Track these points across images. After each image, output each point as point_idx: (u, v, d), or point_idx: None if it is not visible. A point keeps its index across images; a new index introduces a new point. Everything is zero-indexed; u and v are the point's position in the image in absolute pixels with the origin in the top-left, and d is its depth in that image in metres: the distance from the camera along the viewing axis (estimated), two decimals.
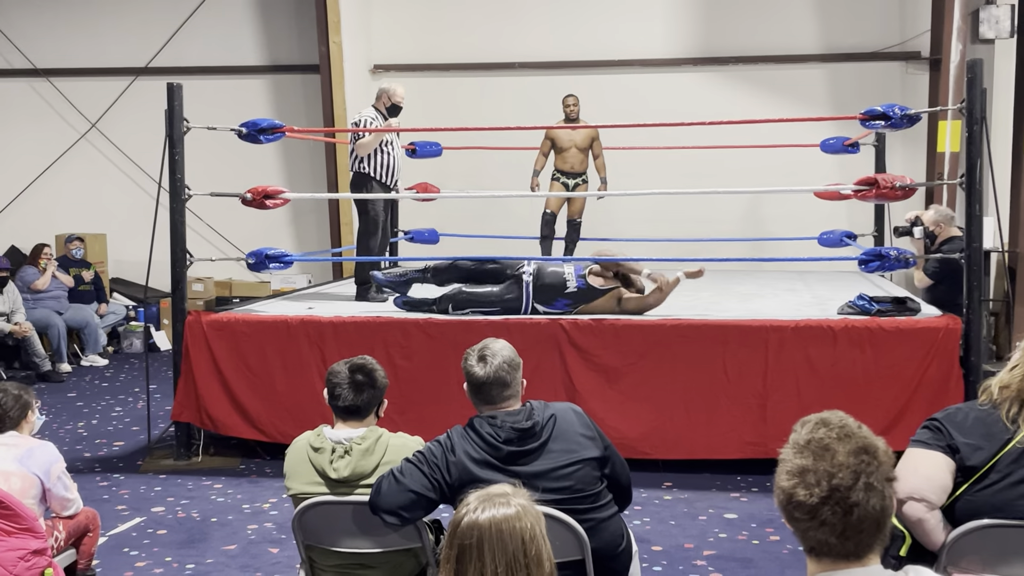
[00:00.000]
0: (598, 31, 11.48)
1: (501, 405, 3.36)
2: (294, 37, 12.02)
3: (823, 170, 9.97)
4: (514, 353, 3.43)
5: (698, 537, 5.31)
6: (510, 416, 3.30)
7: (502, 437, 3.26)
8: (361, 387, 3.49)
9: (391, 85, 7.96)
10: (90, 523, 4.34)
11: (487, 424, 3.29)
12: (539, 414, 3.33)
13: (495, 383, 3.33)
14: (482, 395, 3.36)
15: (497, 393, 3.34)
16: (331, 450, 3.42)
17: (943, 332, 6.02)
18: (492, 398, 3.35)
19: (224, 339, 6.72)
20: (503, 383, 3.34)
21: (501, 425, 3.28)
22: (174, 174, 6.75)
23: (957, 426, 3.02)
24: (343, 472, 3.39)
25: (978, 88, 5.95)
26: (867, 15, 11.09)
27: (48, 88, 12.38)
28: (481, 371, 3.33)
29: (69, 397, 8.99)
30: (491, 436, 3.26)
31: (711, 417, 6.25)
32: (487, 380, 3.33)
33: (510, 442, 3.26)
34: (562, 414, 3.38)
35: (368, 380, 3.51)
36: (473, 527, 2.02)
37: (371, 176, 7.71)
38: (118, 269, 12.15)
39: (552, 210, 9.66)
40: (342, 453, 3.41)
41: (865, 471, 1.92)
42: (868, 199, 6.46)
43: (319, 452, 3.43)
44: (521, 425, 3.28)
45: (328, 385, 3.53)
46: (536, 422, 3.30)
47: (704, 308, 7.00)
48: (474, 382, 3.35)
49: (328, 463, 3.40)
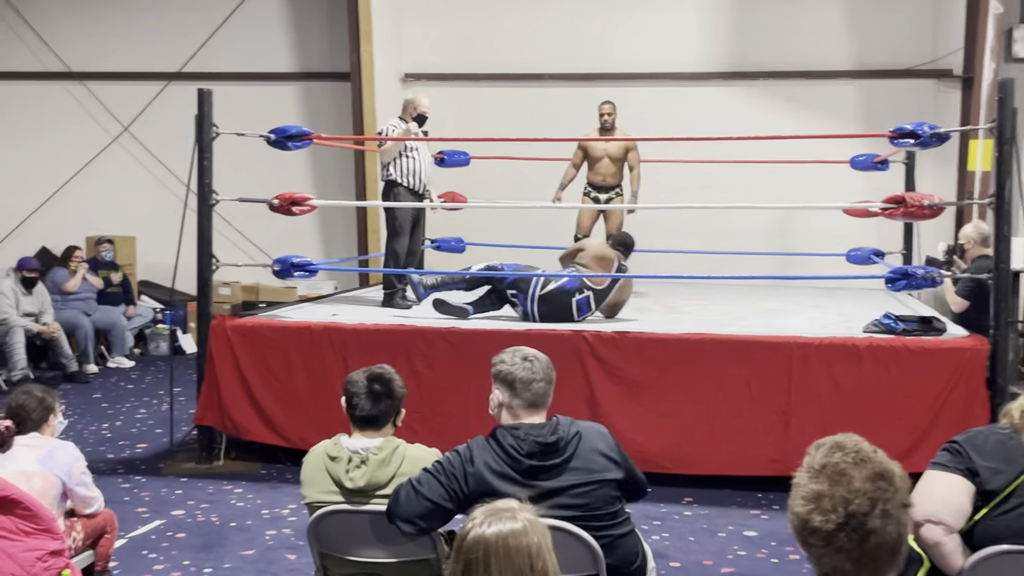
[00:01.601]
0: (629, 44, 11.47)
1: (542, 409, 3.33)
2: (326, 45, 12.10)
3: (852, 187, 9.89)
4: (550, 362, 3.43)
5: (717, 554, 5.28)
6: (534, 429, 3.28)
7: (524, 450, 3.24)
8: (379, 397, 3.49)
9: (416, 96, 8.16)
10: (108, 524, 4.37)
11: (510, 436, 3.27)
12: (564, 430, 3.30)
13: (544, 380, 3.33)
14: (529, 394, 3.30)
15: (544, 391, 3.33)
16: (348, 459, 3.43)
17: (969, 353, 5.96)
18: (538, 397, 3.31)
19: (248, 344, 6.76)
20: (550, 380, 3.35)
21: (524, 438, 3.25)
22: (202, 179, 6.80)
23: (977, 449, 2.99)
24: (359, 482, 3.39)
25: (1009, 108, 5.91)
26: (900, 32, 11.01)
27: (82, 91, 12.51)
28: (527, 371, 3.31)
29: (95, 398, 9.07)
30: (513, 448, 3.25)
31: (733, 433, 6.21)
32: (536, 377, 3.31)
33: (532, 456, 3.24)
34: (587, 433, 3.36)
35: (385, 390, 3.51)
36: (479, 541, 2.01)
37: (397, 182, 7.82)
38: (147, 272, 12.25)
39: (583, 233, 9.19)
40: (359, 463, 3.41)
41: (882, 498, 1.90)
42: (896, 217, 6.41)
43: (336, 461, 3.43)
44: (545, 439, 3.25)
45: (346, 394, 3.54)
46: (560, 437, 3.28)
47: (729, 323, 6.97)
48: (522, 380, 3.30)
49: (344, 472, 3.41)
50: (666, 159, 9.80)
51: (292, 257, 7.05)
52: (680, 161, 9.88)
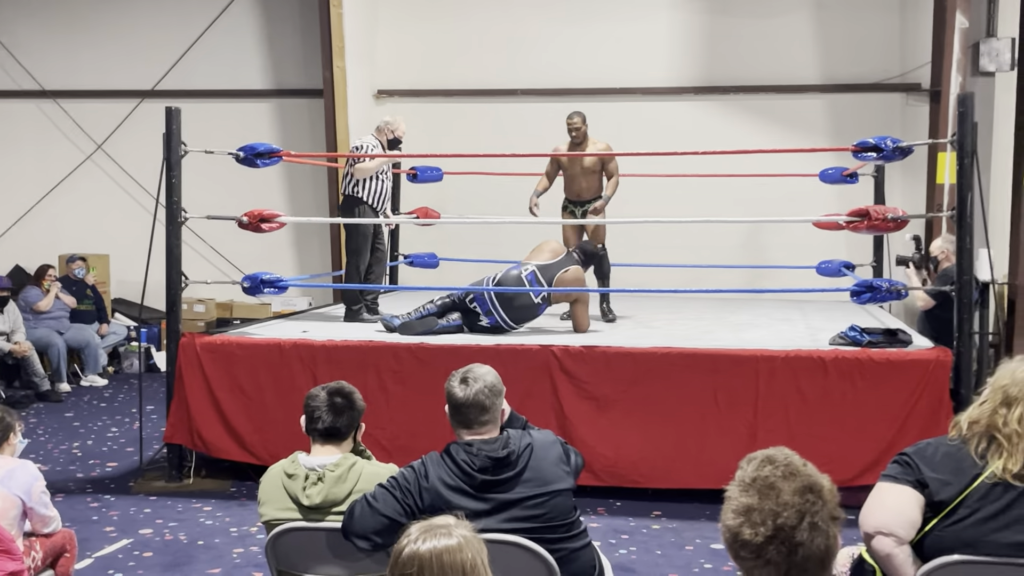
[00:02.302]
0: (601, 59, 11.53)
1: (478, 430, 3.37)
2: (299, 62, 12.12)
3: (823, 199, 9.97)
4: (497, 379, 3.45)
5: (684, 568, 5.29)
6: (486, 444, 3.31)
7: (477, 465, 3.27)
8: (341, 409, 3.51)
9: (394, 119, 8.17)
10: (67, 543, 4.35)
11: (463, 451, 3.30)
12: (515, 443, 3.34)
13: (473, 406, 3.35)
14: (460, 416, 3.37)
15: (475, 416, 3.36)
16: (305, 476, 3.44)
17: (933, 364, 6.01)
18: (469, 421, 3.36)
19: (217, 361, 6.75)
20: (481, 407, 3.35)
21: (477, 453, 3.28)
22: (171, 197, 6.80)
23: (927, 461, 3.02)
24: (316, 499, 3.40)
25: (969, 122, 5.98)
26: (868, 46, 11.12)
27: (55, 110, 12.49)
28: (461, 393, 3.36)
29: (66, 417, 9.02)
30: (466, 464, 3.27)
31: (701, 446, 6.23)
32: (466, 402, 3.35)
33: (484, 471, 3.27)
34: (539, 444, 3.39)
35: (347, 403, 3.54)
36: (414, 558, 2.03)
37: (363, 200, 7.87)
38: (120, 289, 12.20)
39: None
40: (315, 480, 3.43)
41: (810, 511, 1.93)
42: (860, 230, 6.47)
43: (292, 478, 3.44)
44: (496, 454, 3.29)
45: (307, 409, 3.55)
46: (512, 451, 3.31)
47: (698, 337, 7.01)
48: (453, 403, 3.38)
49: (301, 489, 3.42)
50: (637, 173, 9.84)
51: (262, 274, 7.06)
52: (651, 175, 9.93)
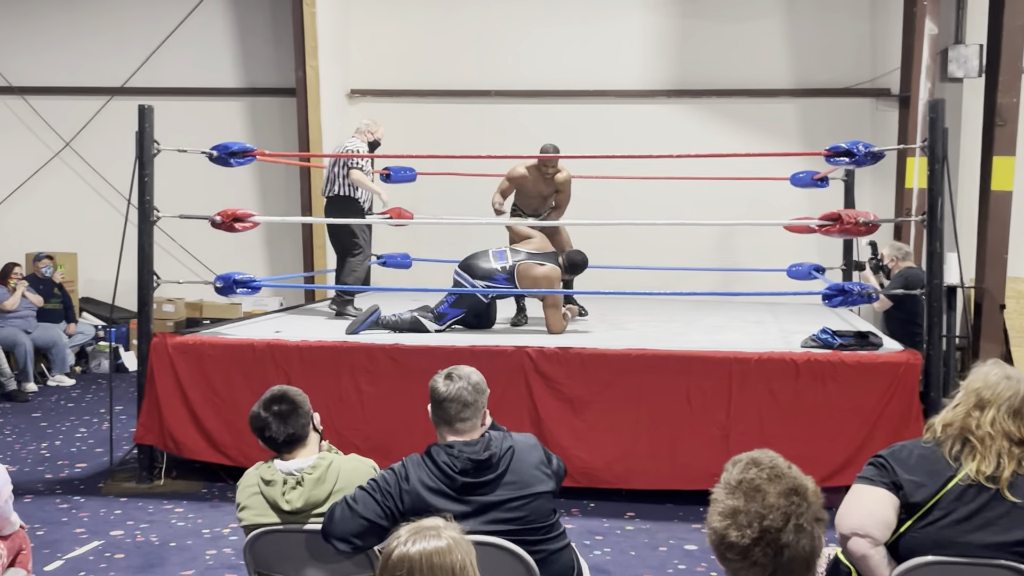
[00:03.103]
0: (574, 61, 11.57)
1: (460, 428, 3.36)
2: (271, 60, 12.06)
3: (794, 203, 10.06)
4: (482, 379, 3.46)
5: (657, 568, 5.32)
6: (468, 447, 3.31)
7: (458, 467, 3.27)
8: (286, 416, 3.46)
9: (373, 121, 8.41)
10: (22, 542, 4.34)
11: (444, 453, 3.31)
12: (496, 445, 3.34)
13: (455, 401, 3.35)
14: (442, 412, 3.37)
15: (456, 412, 3.35)
16: (283, 482, 3.40)
17: (903, 367, 6.08)
18: (451, 418, 3.36)
19: (189, 362, 6.70)
20: (464, 403, 3.35)
21: (458, 455, 3.29)
22: (143, 196, 6.75)
23: (901, 463, 3.06)
24: (296, 503, 3.37)
25: (940, 127, 6.05)
26: (839, 52, 11.23)
27: (22, 106, 12.35)
28: (444, 388, 3.36)
29: (34, 417, 8.92)
30: (447, 466, 3.28)
31: (674, 447, 6.27)
32: (448, 397, 3.35)
33: (465, 472, 3.27)
34: (520, 447, 3.40)
35: (290, 406, 3.48)
36: (404, 559, 2.04)
37: (356, 199, 8.08)
38: (88, 288, 12.09)
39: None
40: (294, 484, 3.40)
41: (795, 512, 1.95)
42: (832, 234, 6.53)
43: (271, 485, 3.40)
44: (478, 456, 3.29)
45: (256, 432, 3.48)
46: (493, 453, 3.31)
47: (671, 339, 7.04)
48: (436, 398, 3.37)
49: (280, 495, 3.38)
50: (609, 175, 9.89)
51: (235, 274, 7.02)
52: (623, 178, 9.97)
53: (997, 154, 9.16)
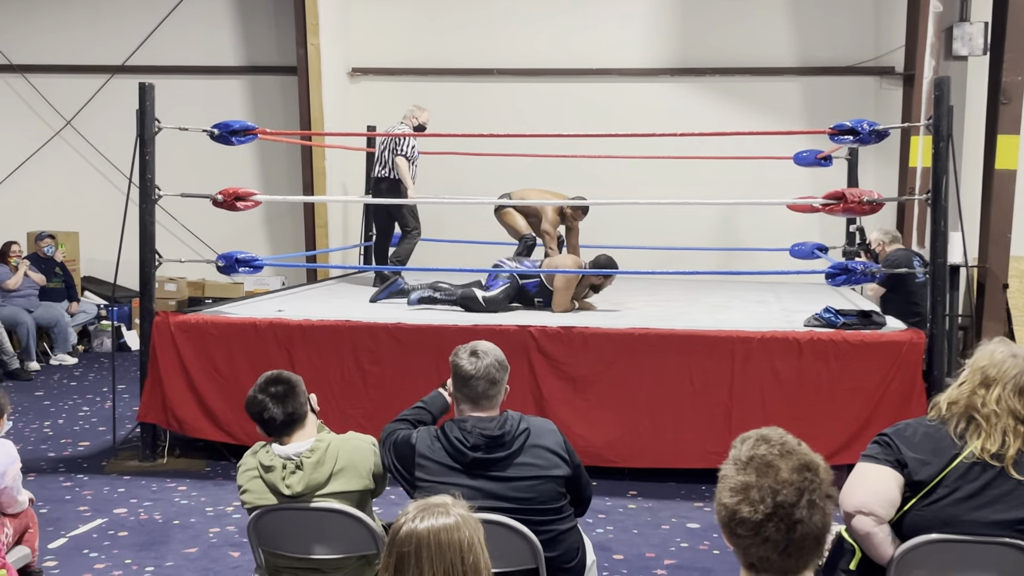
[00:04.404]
0: (577, 39, 11.50)
1: (484, 404, 3.35)
2: (272, 38, 11.99)
3: (797, 182, 10.03)
4: (503, 356, 3.45)
5: (660, 546, 5.33)
6: (482, 423, 3.30)
7: (470, 443, 3.26)
8: (284, 397, 3.42)
9: (417, 106, 9.05)
10: (29, 520, 4.37)
11: (457, 428, 3.30)
12: (512, 424, 3.33)
13: (483, 378, 3.34)
14: (468, 390, 3.35)
15: (484, 390, 3.35)
16: (282, 467, 3.38)
17: (906, 346, 6.07)
18: (477, 395, 3.35)
19: (192, 340, 6.70)
20: (491, 380, 3.35)
21: (471, 431, 3.28)
22: (144, 174, 6.73)
23: (906, 441, 3.06)
24: (297, 487, 3.35)
25: (945, 105, 6.02)
26: (842, 30, 11.16)
27: (23, 84, 12.29)
28: (471, 366, 3.35)
29: (36, 396, 8.93)
30: (459, 441, 3.27)
31: (677, 426, 6.28)
32: (476, 374, 3.34)
33: (477, 448, 3.26)
34: (536, 429, 3.38)
35: (287, 387, 3.45)
36: (411, 535, 2.04)
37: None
38: (90, 268, 12.08)
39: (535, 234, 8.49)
40: (293, 469, 3.37)
41: (808, 488, 1.95)
42: (836, 213, 6.51)
43: (270, 471, 3.38)
44: (491, 432, 3.27)
45: (254, 417, 3.44)
46: (507, 431, 3.30)
47: (673, 318, 7.04)
48: (463, 375, 3.35)
49: (280, 480, 3.36)
50: (612, 155, 9.86)
51: (237, 253, 7.01)
52: (626, 157, 9.92)
53: (1001, 133, 9.12)
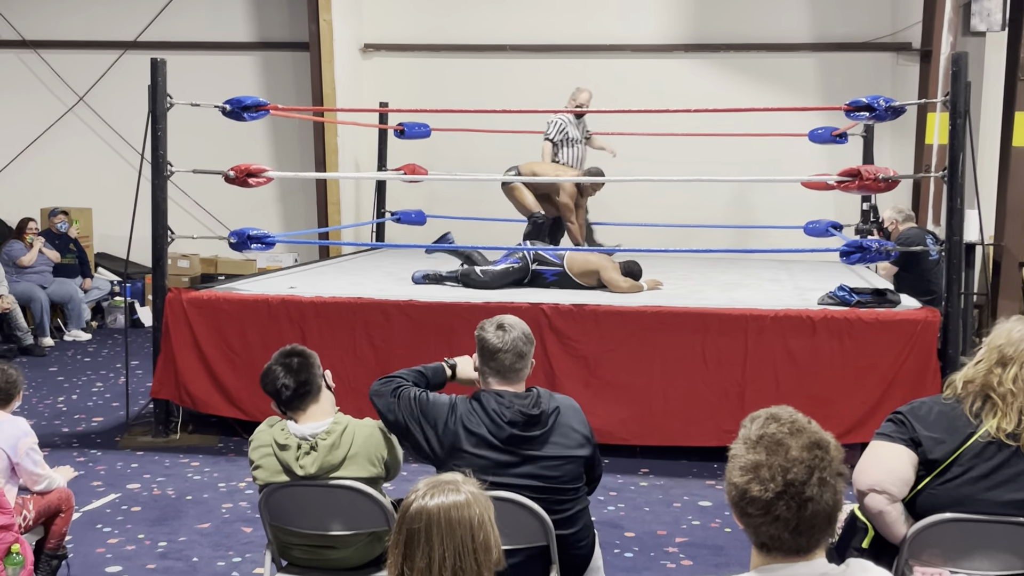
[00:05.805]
0: (592, 16, 11.42)
1: (512, 378, 3.32)
2: (284, 14, 11.95)
3: (812, 159, 9.96)
4: (529, 330, 3.42)
5: (671, 524, 5.33)
6: (518, 399, 3.28)
7: (507, 417, 3.24)
8: (299, 369, 3.42)
9: (577, 88, 8.97)
10: (63, 503, 4.30)
11: (494, 400, 3.27)
12: (545, 403, 3.31)
13: (511, 352, 3.30)
14: (496, 363, 3.31)
15: (512, 363, 3.31)
16: (296, 447, 3.37)
17: (921, 325, 6.03)
18: (505, 368, 3.31)
19: (204, 317, 6.71)
20: (519, 353, 3.32)
21: (509, 405, 3.25)
22: (156, 150, 6.72)
23: (921, 420, 3.03)
24: (310, 468, 3.34)
25: (962, 82, 5.95)
26: (859, 5, 11.06)
27: (36, 60, 12.29)
28: (498, 340, 3.31)
29: (50, 372, 8.97)
30: (496, 414, 3.24)
31: (689, 404, 6.26)
32: (503, 348, 3.30)
33: (514, 424, 3.24)
34: (564, 408, 3.36)
35: (301, 359, 3.45)
36: (422, 512, 2.03)
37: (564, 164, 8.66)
38: (104, 244, 12.09)
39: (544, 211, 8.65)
40: (308, 449, 3.36)
41: (819, 466, 1.93)
42: (851, 190, 6.46)
43: (285, 450, 3.37)
44: (530, 411, 3.25)
45: (269, 389, 3.43)
46: (543, 410, 3.28)
47: (687, 296, 7.01)
48: (490, 349, 3.31)
49: (294, 459, 3.35)
50: (626, 131, 9.81)
51: (249, 229, 7.00)
52: (641, 134, 9.89)
53: (1019, 110, 9.03)
